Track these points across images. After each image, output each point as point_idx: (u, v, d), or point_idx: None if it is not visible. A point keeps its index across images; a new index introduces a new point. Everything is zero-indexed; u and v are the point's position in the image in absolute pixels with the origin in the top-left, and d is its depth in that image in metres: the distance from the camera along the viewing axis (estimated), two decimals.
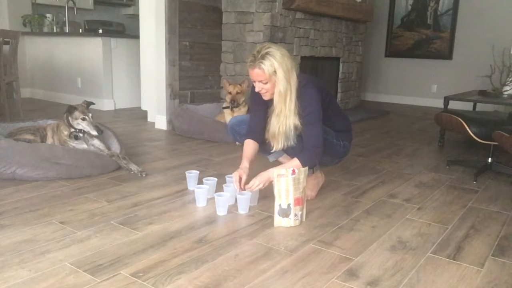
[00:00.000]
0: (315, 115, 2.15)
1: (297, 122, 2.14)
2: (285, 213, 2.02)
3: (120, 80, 5.52)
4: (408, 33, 6.95)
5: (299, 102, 2.13)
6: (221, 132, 3.68)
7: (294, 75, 2.12)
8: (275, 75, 2.07)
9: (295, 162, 2.15)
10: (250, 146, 2.34)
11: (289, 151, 2.27)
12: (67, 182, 2.55)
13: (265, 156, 2.69)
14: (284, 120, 2.14)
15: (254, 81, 2.16)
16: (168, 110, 4.25)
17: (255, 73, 2.10)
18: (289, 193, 2.01)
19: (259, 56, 2.07)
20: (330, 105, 2.32)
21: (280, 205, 2.02)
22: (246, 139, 2.37)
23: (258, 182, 2.16)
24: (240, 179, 2.22)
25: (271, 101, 2.20)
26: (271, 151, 2.31)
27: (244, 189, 2.21)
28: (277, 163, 2.63)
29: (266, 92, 2.16)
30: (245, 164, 2.28)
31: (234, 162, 3.12)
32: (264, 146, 2.39)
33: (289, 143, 2.18)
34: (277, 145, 2.21)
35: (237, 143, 3.07)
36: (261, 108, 2.30)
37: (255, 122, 2.35)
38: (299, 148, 2.19)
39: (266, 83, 2.11)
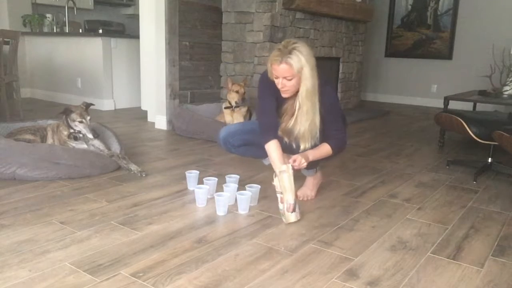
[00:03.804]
0: (337, 108, 2.22)
1: (319, 121, 2.12)
2: (293, 207, 2.04)
3: (120, 80, 5.52)
4: (408, 33, 6.95)
5: (320, 100, 2.11)
6: None
7: (317, 73, 2.08)
8: (302, 71, 2.01)
9: (325, 147, 2.17)
10: (278, 149, 2.16)
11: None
12: (67, 182, 2.55)
13: (259, 160, 2.67)
14: (313, 117, 2.09)
15: (277, 77, 2.05)
16: (168, 110, 4.25)
17: (281, 69, 2.00)
18: (292, 187, 2.04)
19: (286, 51, 1.98)
20: None
21: (287, 200, 2.03)
22: (270, 139, 2.16)
23: (299, 163, 2.09)
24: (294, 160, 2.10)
25: (282, 98, 2.15)
26: (300, 151, 2.18)
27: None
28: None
29: (288, 89, 2.07)
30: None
31: (234, 162, 3.13)
32: (258, 150, 2.33)
33: (313, 142, 2.14)
34: (305, 144, 2.14)
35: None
36: (272, 101, 2.20)
37: (272, 118, 2.19)
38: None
39: (291, 79, 2.03)
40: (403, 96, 7.13)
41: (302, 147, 2.16)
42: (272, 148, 2.17)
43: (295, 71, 2.00)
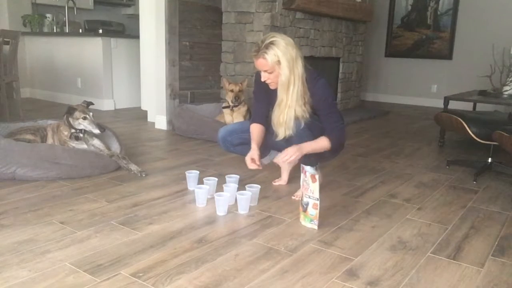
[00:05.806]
0: (330, 102, 2.22)
1: (301, 112, 2.16)
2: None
3: (120, 80, 5.52)
4: (408, 33, 6.95)
5: (312, 93, 2.16)
6: None
7: (299, 64, 2.13)
8: (279, 64, 2.09)
9: (322, 139, 2.20)
10: (256, 130, 2.39)
11: (294, 143, 2.22)
12: (67, 182, 2.55)
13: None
14: (286, 109, 2.16)
15: (260, 71, 2.18)
16: (168, 110, 4.25)
17: (259, 63, 2.12)
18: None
19: (263, 46, 2.09)
20: None
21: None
22: (253, 123, 2.40)
23: (290, 155, 2.14)
24: (253, 159, 2.29)
25: (275, 91, 2.21)
26: (275, 140, 2.31)
27: (260, 164, 2.32)
28: (274, 165, 2.64)
29: (272, 81, 2.18)
30: (253, 146, 2.34)
31: (234, 162, 3.13)
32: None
33: (289, 132, 2.20)
34: (281, 134, 2.23)
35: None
36: (264, 96, 2.34)
37: (259, 108, 2.40)
38: (302, 138, 2.19)
39: (271, 72, 2.13)
40: (403, 96, 7.13)
41: (278, 137, 2.25)
42: (252, 129, 2.39)
43: (271, 64, 2.10)
